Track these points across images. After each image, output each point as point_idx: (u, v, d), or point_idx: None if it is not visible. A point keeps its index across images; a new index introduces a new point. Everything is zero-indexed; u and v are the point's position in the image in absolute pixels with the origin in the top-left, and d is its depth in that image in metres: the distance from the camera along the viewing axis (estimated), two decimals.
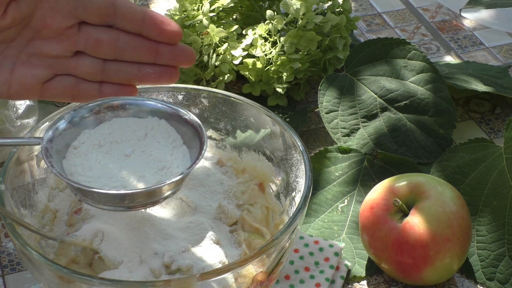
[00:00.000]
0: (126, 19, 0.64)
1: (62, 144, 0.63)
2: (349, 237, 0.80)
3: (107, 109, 0.65)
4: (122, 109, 0.65)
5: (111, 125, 0.65)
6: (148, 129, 0.65)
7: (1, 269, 0.77)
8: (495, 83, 0.96)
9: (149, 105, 0.66)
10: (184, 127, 0.65)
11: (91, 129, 0.65)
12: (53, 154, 0.62)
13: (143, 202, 0.61)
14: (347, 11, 0.95)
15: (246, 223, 0.69)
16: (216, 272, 0.59)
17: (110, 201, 0.60)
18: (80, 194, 0.61)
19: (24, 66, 0.64)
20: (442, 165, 0.84)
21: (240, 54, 0.92)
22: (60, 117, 0.64)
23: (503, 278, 0.76)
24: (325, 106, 0.91)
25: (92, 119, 0.65)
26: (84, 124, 0.65)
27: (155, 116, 0.65)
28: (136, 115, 0.65)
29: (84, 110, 0.65)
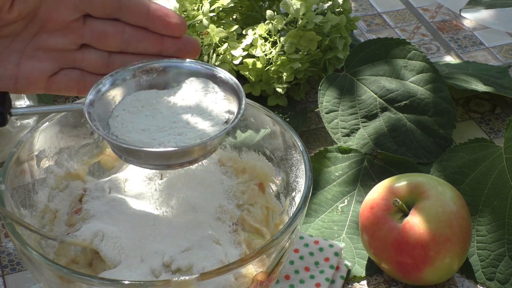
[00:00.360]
0: (131, 12, 0.64)
1: (103, 109, 0.64)
2: (349, 237, 0.80)
3: (146, 71, 0.66)
4: (162, 71, 0.66)
5: (149, 93, 0.66)
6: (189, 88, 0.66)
7: (1, 269, 0.77)
8: (495, 83, 0.96)
9: (188, 67, 0.66)
10: (222, 87, 0.66)
11: (130, 96, 0.65)
12: (96, 118, 0.62)
13: (185, 160, 0.62)
14: (347, 11, 0.95)
15: (246, 223, 0.69)
16: (216, 272, 0.59)
17: (156, 159, 0.61)
18: (126, 155, 0.62)
19: (30, 60, 0.65)
20: (442, 165, 0.84)
21: (240, 54, 0.92)
22: (99, 82, 0.64)
23: (503, 278, 0.76)
24: (325, 106, 0.91)
25: (132, 82, 0.65)
26: (124, 87, 0.65)
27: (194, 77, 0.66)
28: (175, 77, 0.66)
29: (123, 73, 0.65)
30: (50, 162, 0.71)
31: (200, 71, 0.66)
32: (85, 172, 0.74)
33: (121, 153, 0.62)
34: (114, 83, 0.65)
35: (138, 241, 0.65)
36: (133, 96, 0.65)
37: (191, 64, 0.66)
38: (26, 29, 0.64)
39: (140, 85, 0.66)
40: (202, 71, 0.66)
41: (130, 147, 0.61)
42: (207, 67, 0.66)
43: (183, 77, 0.66)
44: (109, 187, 0.71)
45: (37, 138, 0.70)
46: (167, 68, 0.66)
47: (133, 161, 0.62)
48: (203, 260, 0.64)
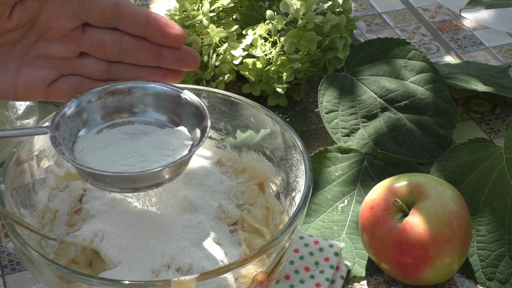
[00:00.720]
0: (129, 21, 0.64)
1: (68, 132, 0.64)
2: (349, 237, 0.80)
3: (112, 93, 0.66)
4: (128, 93, 0.66)
5: (112, 131, 0.66)
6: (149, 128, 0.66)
7: (1, 269, 0.77)
8: (495, 83, 0.96)
9: (154, 88, 0.66)
10: (187, 108, 0.66)
11: (95, 125, 0.66)
12: (61, 142, 0.62)
13: (152, 183, 0.62)
14: (347, 11, 0.95)
15: (246, 223, 0.69)
16: (216, 272, 0.59)
17: (121, 183, 0.61)
18: (92, 179, 0.62)
19: (29, 67, 0.65)
20: (442, 165, 0.84)
21: (240, 54, 0.92)
22: (64, 105, 0.64)
23: (503, 278, 0.76)
24: (325, 106, 0.91)
25: (98, 103, 0.66)
26: (90, 110, 0.65)
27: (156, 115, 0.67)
28: (141, 99, 0.66)
29: (88, 95, 0.65)
30: (50, 162, 0.71)
31: (165, 92, 0.66)
32: None
33: (88, 177, 0.62)
34: (80, 106, 0.65)
35: (138, 241, 0.65)
36: (96, 137, 0.65)
37: (156, 85, 0.66)
38: (25, 37, 0.64)
39: (105, 107, 0.66)
40: (167, 92, 0.66)
41: (96, 172, 0.61)
42: (173, 88, 0.66)
43: (149, 98, 0.66)
44: None
45: (37, 138, 0.70)
46: (133, 89, 0.66)
47: (99, 185, 0.62)
48: (203, 260, 0.64)
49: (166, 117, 0.67)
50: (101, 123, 0.66)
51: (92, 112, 0.66)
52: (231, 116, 0.75)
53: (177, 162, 0.62)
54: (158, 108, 0.67)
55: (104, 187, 0.62)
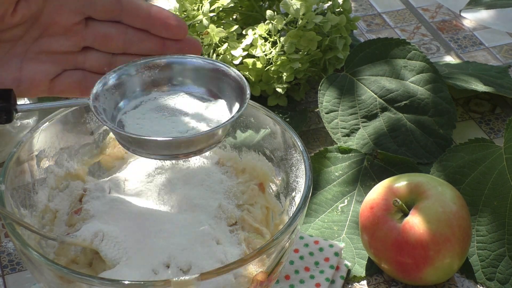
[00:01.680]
0: (132, 14, 0.64)
1: (108, 104, 0.64)
2: (349, 237, 0.80)
3: (150, 67, 0.67)
4: (166, 67, 0.67)
5: (153, 101, 0.67)
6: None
7: (1, 269, 0.77)
8: (495, 83, 0.96)
9: (191, 62, 0.67)
10: (227, 82, 0.67)
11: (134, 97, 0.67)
12: (102, 112, 0.63)
13: (193, 149, 0.63)
14: (347, 11, 0.95)
15: (246, 223, 0.69)
16: (216, 272, 0.59)
17: (163, 150, 0.63)
18: (135, 146, 0.63)
19: (32, 62, 0.65)
20: (442, 165, 0.84)
21: (240, 54, 0.92)
22: (104, 77, 0.65)
23: (503, 278, 0.76)
24: (325, 106, 0.91)
25: (136, 77, 0.66)
26: (128, 83, 0.66)
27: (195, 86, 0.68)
28: (179, 73, 0.67)
29: (127, 69, 0.66)
30: (50, 162, 0.71)
31: (203, 66, 0.67)
32: (85, 172, 0.74)
33: (129, 145, 0.63)
34: (119, 79, 0.65)
35: (138, 241, 0.65)
36: (138, 109, 0.66)
37: (193, 59, 0.67)
38: (28, 32, 0.64)
39: (143, 80, 0.67)
40: (205, 66, 0.67)
41: (139, 137, 0.62)
42: (210, 61, 0.67)
43: (186, 73, 0.67)
44: (109, 187, 0.71)
45: (37, 138, 0.70)
46: (170, 64, 0.67)
47: (141, 152, 0.63)
48: (203, 260, 0.64)
49: (205, 90, 0.68)
50: (140, 96, 0.67)
51: (131, 85, 0.66)
52: None
53: (219, 127, 0.63)
54: (197, 82, 0.68)
55: (147, 154, 0.63)
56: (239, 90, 0.66)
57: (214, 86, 0.67)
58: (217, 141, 0.64)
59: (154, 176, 0.72)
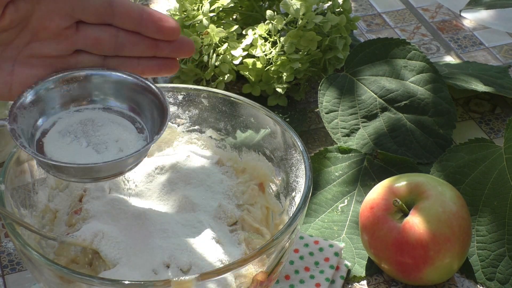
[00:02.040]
0: (123, 17, 0.64)
1: (26, 123, 0.63)
2: (349, 237, 0.80)
3: (69, 81, 0.65)
4: (85, 80, 0.65)
5: (71, 117, 0.66)
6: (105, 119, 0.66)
7: (1, 269, 0.77)
8: (495, 83, 0.96)
9: (112, 75, 0.66)
10: (147, 96, 0.65)
11: (53, 114, 0.65)
12: (20, 134, 0.62)
13: (113, 172, 0.63)
14: (347, 11, 0.95)
15: (246, 223, 0.69)
16: (216, 272, 0.59)
17: (84, 174, 0.62)
18: (54, 170, 0.62)
19: (23, 66, 0.64)
20: (442, 165, 0.84)
21: (240, 54, 0.92)
22: (20, 96, 0.64)
23: (503, 278, 0.76)
24: (325, 106, 0.91)
25: (54, 92, 0.65)
26: (46, 99, 0.65)
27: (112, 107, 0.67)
28: (99, 87, 0.66)
29: (45, 84, 0.65)
30: None
31: (124, 80, 0.66)
32: None
33: (49, 169, 0.62)
34: (37, 95, 0.64)
35: (138, 241, 0.65)
36: (55, 128, 0.65)
37: (115, 73, 0.66)
38: (18, 37, 0.63)
39: (62, 95, 0.65)
40: (127, 80, 0.66)
41: (58, 164, 0.61)
42: (132, 75, 0.66)
43: (107, 86, 0.66)
44: (109, 187, 0.71)
45: None
46: (91, 76, 0.66)
47: (61, 176, 0.62)
48: (203, 260, 0.64)
49: (127, 105, 0.66)
50: (60, 111, 0.66)
51: (49, 100, 0.65)
52: (231, 116, 0.75)
53: (136, 153, 0.62)
54: (117, 96, 0.66)
55: (67, 178, 0.62)
56: (160, 108, 0.64)
57: (135, 101, 0.66)
58: (135, 164, 0.64)
59: (154, 176, 0.72)
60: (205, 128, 0.76)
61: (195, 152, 0.75)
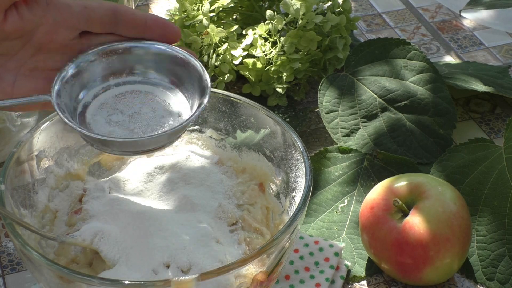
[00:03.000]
0: (128, 25, 0.65)
1: (68, 97, 0.64)
2: (349, 237, 0.80)
3: (110, 53, 0.66)
4: (127, 52, 0.66)
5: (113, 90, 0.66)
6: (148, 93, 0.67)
7: (1, 269, 0.77)
8: (495, 83, 0.96)
9: (153, 47, 0.66)
10: (188, 70, 0.66)
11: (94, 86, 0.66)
12: (64, 108, 0.62)
13: (155, 146, 0.64)
14: (347, 11, 0.95)
15: (246, 223, 0.69)
16: (216, 272, 0.59)
17: (127, 148, 0.63)
18: (99, 144, 0.63)
19: (25, 79, 0.64)
20: (442, 165, 0.84)
21: (240, 54, 0.92)
22: (62, 70, 0.64)
23: (503, 278, 0.76)
24: (325, 106, 0.91)
25: (95, 65, 0.65)
26: (88, 72, 0.65)
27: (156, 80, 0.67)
28: (140, 59, 0.66)
29: (85, 57, 0.65)
30: (50, 162, 0.71)
31: (166, 53, 0.66)
32: (85, 172, 0.74)
33: (94, 142, 0.63)
34: (78, 68, 0.65)
35: (138, 241, 0.65)
36: (98, 100, 0.66)
37: (155, 45, 0.66)
38: (23, 49, 0.63)
39: (103, 68, 0.66)
40: (168, 52, 0.66)
41: (104, 139, 0.62)
42: (173, 49, 0.66)
43: (148, 58, 0.66)
44: (109, 187, 0.71)
45: (37, 138, 0.70)
46: (132, 49, 0.66)
47: (105, 149, 0.64)
48: (203, 260, 0.64)
49: (167, 78, 0.67)
50: (100, 84, 0.66)
51: (90, 74, 0.65)
52: (231, 116, 0.75)
53: (178, 127, 0.63)
54: (159, 69, 0.67)
55: (111, 151, 0.63)
56: (200, 81, 0.65)
57: (176, 75, 0.66)
58: (177, 138, 0.65)
59: (154, 176, 0.72)
60: (205, 128, 0.76)
61: (195, 152, 0.75)
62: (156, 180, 0.72)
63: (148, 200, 0.70)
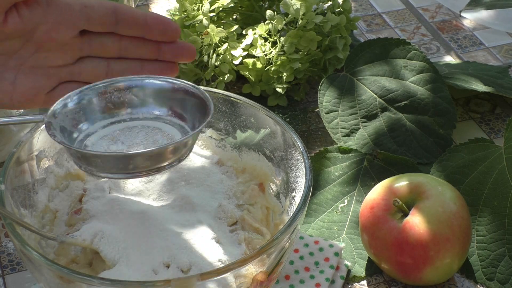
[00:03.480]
0: (128, 24, 0.65)
1: (66, 123, 0.63)
2: (349, 237, 0.80)
3: (112, 90, 0.65)
4: (128, 89, 0.66)
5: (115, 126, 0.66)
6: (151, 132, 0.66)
7: (1, 269, 0.77)
8: (495, 83, 0.96)
9: (153, 84, 0.66)
10: (192, 99, 0.65)
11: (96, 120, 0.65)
12: (57, 128, 0.62)
13: (147, 166, 0.61)
14: (347, 11, 0.95)
15: (246, 223, 0.69)
16: (216, 272, 0.59)
17: (115, 166, 0.60)
18: (84, 163, 0.61)
19: (26, 77, 0.64)
20: (442, 165, 0.84)
21: (240, 54, 0.92)
22: (67, 96, 0.64)
23: (503, 278, 0.76)
24: (325, 106, 0.91)
25: (99, 99, 0.65)
26: (90, 105, 0.65)
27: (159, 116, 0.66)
28: (141, 95, 0.66)
29: (91, 91, 0.65)
30: (50, 162, 0.71)
31: (166, 87, 0.66)
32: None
33: (80, 162, 0.61)
34: (84, 98, 0.64)
35: (138, 241, 0.65)
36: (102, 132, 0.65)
37: (156, 80, 0.66)
38: (23, 48, 0.63)
39: (108, 102, 0.65)
40: (169, 86, 0.66)
41: (91, 152, 0.60)
42: (173, 81, 0.66)
43: (150, 94, 0.66)
44: (109, 187, 0.71)
45: (37, 138, 0.70)
46: (134, 86, 0.66)
47: (92, 171, 0.61)
48: (203, 260, 0.64)
49: (169, 111, 0.66)
50: (103, 118, 0.66)
51: (93, 107, 0.65)
52: (231, 116, 0.75)
53: (173, 143, 0.61)
54: (160, 103, 0.66)
55: (98, 172, 0.61)
56: (203, 108, 0.64)
57: (178, 106, 0.66)
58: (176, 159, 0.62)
59: (154, 176, 0.72)
60: (205, 128, 0.76)
61: (195, 152, 0.75)
62: (156, 180, 0.72)
63: (148, 200, 0.70)
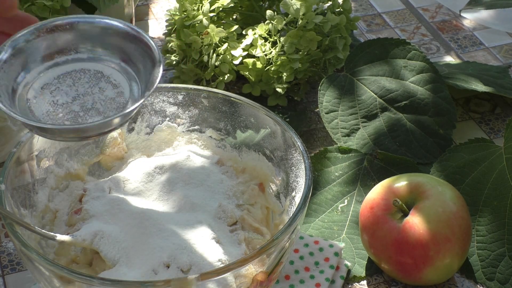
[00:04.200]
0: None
1: (6, 78, 0.60)
2: (349, 237, 0.80)
3: (50, 30, 0.61)
4: (68, 29, 0.61)
5: (56, 69, 0.62)
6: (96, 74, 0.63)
7: (1, 269, 0.77)
8: (495, 83, 0.96)
9: (98, 22, 0.62)
10: (136, 45, 0.62)
11: (35, 67, 0.61)
12: (1, 91, 0.58)
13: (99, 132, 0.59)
14: (347, 11, 0.95)
15: (246, 223, 0.69)
16: (216, 272, 0.59)
17: (68, 134, 0.59)
18: (37, 130, 0.59)
19: None
20: (442, 165, 0.84)
21: (240, 54, 0.92)
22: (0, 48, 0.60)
23: (503, 278, 0.76)
24: (325, 106, 0.91)
25: (35, 44, 0.61)
26: (27, 50, 0.61)
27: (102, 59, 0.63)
28: (86, 34, 0.62)
29: (25, 36, 0.61)
30: (50, 162, 0.72)
31: (111, 27, 0.62)
32: (85, 172, 0.74)
33: (32, 128, 0.59)
34: (17, 47, 0.60)
35: (138, 241, 0.65)
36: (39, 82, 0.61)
37: (103, 19, 0.62)
38: None
39: (46, 46, 0.61)
40: (113, 26, 0.62)
41: (43, 126, 0.58)
42: (121, 22, 0.62)
43: (96, 34, 0.62)
44: (109, 187, 0.71)
45: (37, 138, 0.70)
46: (76, 24, 0.61)
47: (45, 135, 0.59)
48: (203, 260, 0.64)
49: (116, 55, 0.62)
50: (43, 63, 0.62)
51: (31, 52, 0.61)
52: (231, 116, 0.75)
53: (123, 113, 0.59)
54: (106, 45, 0.62)
55: (51, 137, 0.60)
56: (153, 60, 0.60)
57: (125, 52, 0.62)
58: (125, 122, 0.60)
59: (154, 176, 0.72)
60: (205, 128, 0.76)
61: (195, 152, 0.75)
62: (156, 180, 0.72)
63: (148, 200, 0.70)
